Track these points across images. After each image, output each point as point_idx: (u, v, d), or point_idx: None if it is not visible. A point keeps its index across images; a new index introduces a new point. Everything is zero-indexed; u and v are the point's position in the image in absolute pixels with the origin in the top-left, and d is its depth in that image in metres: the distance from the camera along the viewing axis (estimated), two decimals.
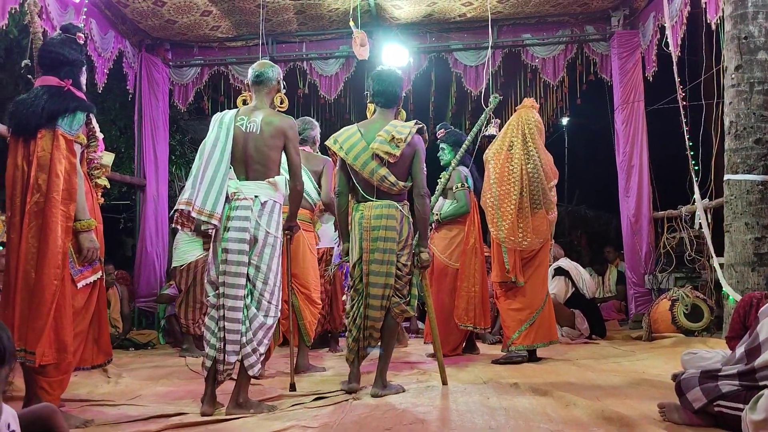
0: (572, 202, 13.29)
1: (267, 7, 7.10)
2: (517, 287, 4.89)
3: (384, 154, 3.74)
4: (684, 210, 6.55)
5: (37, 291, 3.09)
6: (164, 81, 8.20)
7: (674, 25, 6.11)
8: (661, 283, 6.88)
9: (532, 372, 4.45)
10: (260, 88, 3.67)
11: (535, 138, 4.86)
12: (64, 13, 5.99)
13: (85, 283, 3.30)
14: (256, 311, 3.41)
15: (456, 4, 7.33)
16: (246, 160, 3.51)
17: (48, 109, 3.19)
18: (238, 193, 3.44)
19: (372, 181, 3.80)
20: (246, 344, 3.37)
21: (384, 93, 3.95)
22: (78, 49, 3.45)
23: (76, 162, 3.23)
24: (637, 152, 7.44)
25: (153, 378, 4.60)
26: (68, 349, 3.14)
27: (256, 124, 3.53)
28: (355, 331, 3.81)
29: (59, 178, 3.14)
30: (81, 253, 3.28)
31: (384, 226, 3.77)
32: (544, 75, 7.97)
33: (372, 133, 3.84)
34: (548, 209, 4.89)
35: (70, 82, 3.34)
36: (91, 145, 3.45)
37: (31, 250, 3.12)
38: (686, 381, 2.70)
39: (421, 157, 3.86)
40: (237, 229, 3.40)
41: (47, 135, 3.18)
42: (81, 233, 3.26)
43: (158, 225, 8.08)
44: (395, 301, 3.78)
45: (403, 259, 3.81)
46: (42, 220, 3.12)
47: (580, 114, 10.62)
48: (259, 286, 3.42)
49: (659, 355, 4.99)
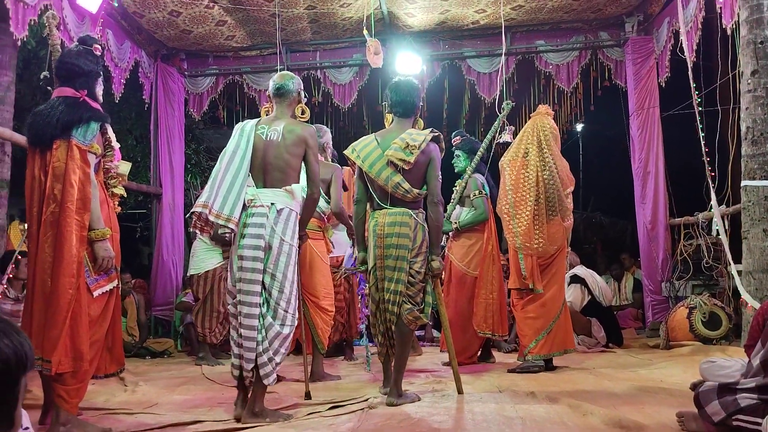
0: (587, 209, 13.23)
1: (281, 16, 7.14)
2: (534, 295, 4.87)
3: (398, 161, 3.78)
4: (701, 217, 6.50)
5: (53, 299, 3.11)
6: (180, 90, 8.27)
7: (689, 31, 6.08)
8: (678, 290, 6.82)
9: (548, 381, 4.42)
10: (281, 99, 3.74)
11: (550, 145, 4.85)
12: (81, 24, 6.06)
13: (100, 291, 3.32)
14: (272, 320, 3.43)
15: (469, 11, 7.34)
16: (265, 167, 3.56)
17: (62, 120, 3.22)
18: (254, 200, 3.49)
19: (387, 188, 3.82)
20: (262, 353, 3.39)
21: (402, 103, 3.99)
22: (94, 60, 3.48)
23: (90, 171, 3.26)
24: (653, 159, 7.39)
25: (169, 386, 4.62)
26: (84, 358, 3.16)
27: (277, 132, 3.59)
28: (381, 337, 3.91)
29: (73, 188, 3.17)
30: (96, 262, 3.29)
31: (397, 233, 3.79)
32: (558, 81, 7.96)
33: (388, 141, 3.88)
34: (564, 216, 4.87)
35: (85, 92, 3.38)
36: (107, 155, 3.48)
37: (47, 259, 3.15)
38: (705, 394, 2.66)
39: (436, 164, 3.87)
40: (252, 236, 3.44)
41: (62, 145, 3.21)
42: (96, 242, 3.28)
43: (174, 233, 8.13)
44: (407, 307, 3.78)
45: (416, 266, 3.82)
46: (57, 230, 3.15)
47: (595, 120, 10.59)
48: (275, 294, 3.45)
49: (677, 364, 4.94)
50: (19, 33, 5.20)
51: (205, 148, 10.87)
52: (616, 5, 7.37)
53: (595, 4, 7.30)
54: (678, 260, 6.83)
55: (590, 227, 12.62)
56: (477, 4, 7.14)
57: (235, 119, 8.67)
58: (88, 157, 3.26)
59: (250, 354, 3.39)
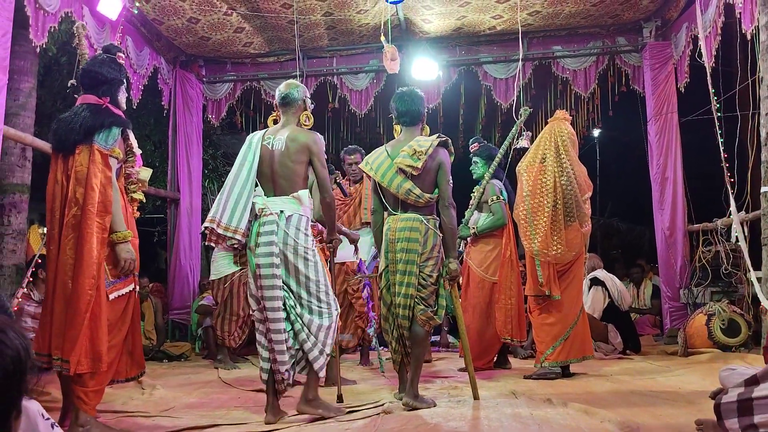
0: (604, 215, 13.15)
1: (299, 23, 7.19)
2: (551, 301, 4.84)
3: (407, 167, 3.86)
4: (720, 223, 6.44)
5: (73, 300, 3.16)
6: (198, 97, 8.34)
7: (708, 36, 6.03)
8: (696, 297, 6.76)
9: (565, 387, 4.40)
10: (287, 108, 3.82)
11: (568, 150, 4.83)
12: (101, 30, 6.13)
13: (116, 295, 3.34)
14: (310, 316, 3.54)
15: (486, 17, 7.35)
16: (272, 176, 3.65)
17: (85, 126, 3.28)
18: (264, 209, 3.57)
19: (398, 195, 3.92)
20: (312, 347, 3.51)
21: (408, 113, 4.08)
22: (117, 68, 3.55)
23: (111, 175, 3.31)
24: (671, 164, 7.34)
25: (186, 390, 4.65)
26: (103, 359, 3.19)
27: (281, 141, 3.67)
28: (393, 342, 3.97)
29: (95, 191, 3.23)
30: (118, 264, 3.33)
31: (407, 238, 3.87)
32: (576, 87, 7.93)
33: (397, 150, 3.98)
34: (582, 222, 4.84)
35: (108, 99, 3.44)
36: (128, 160, 3.55)
37: (69, 261, 3.20)
38: (726, 407, 2.63)
39: (446, 168, 3.94)
40: (265, 243, 3.52)
41: (84, 150, 3.27)
42: (118, 244, 3.32)
43: (192, 238, 8.19)
44: (420, 308, 3.85)
45: (427, 270, 3.88)
46: (79, 232, 3.20)
47: (612, 126, 10.54)
48: (305, 295, 3.55)
49: (695, 371, 4.89)
50: (39, 40, 5.26)
51: (222, 154, 10.96)
52: (633, 11, 7.34)
53: (613, 10, 7.27)
54: (696, 267, 6.77)
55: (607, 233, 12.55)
56: (494, 9, 7.14)
57: (252, 125, 8.74)
58: (110, 161, 3.32)
59: (283, 356, 3.48)
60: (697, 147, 8.01)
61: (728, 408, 2.61)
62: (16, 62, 5.69)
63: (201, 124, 8.47)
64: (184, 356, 6.81)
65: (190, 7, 6.78)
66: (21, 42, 5.42)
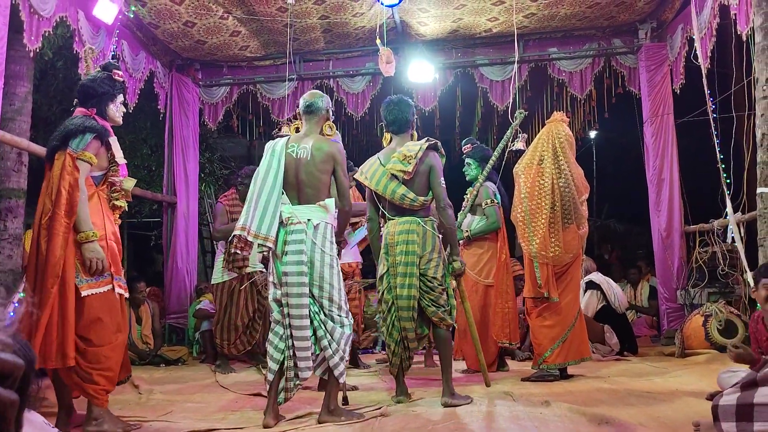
0: (601, 216, 13.16)
1: (294, 26, 7.19)
2: (549, 303, 4.84)
3: (398, 172, 3.98)
4: (716, 224, 6.45)
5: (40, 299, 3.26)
6: (194, 100, 8.33)
7: (703, 37, 6.05)
8: (693, 298, 6.77)
9: (563, 389, 4.40)
10: (310, 117, 3.85)
11: (566, 152, 4.84)
12: (95, 35, 6.12)
13: (90, 292, 3.39)
14: (333, 324, 3.60)
15: (481, 19, 7.35)
16: (298, 185, 3.68)
17: (62, 133, 3.47)
18: (292, 218, 3.61)
19: (394, 200, 4.02)
20: (333, 354, 3.56)
21: (396, 121, 4.19)
22: (109, 84, 3.69)
23: (78, 177, 3.40)
24: (667, 166, 7.35)
25: (184, 394, 4.64)
26: (69, 356, 3.26)
27: (306, 150, 3.70)
28: (393, 344, 4.03)
29: (62, 193, 3.35)
30: (84, 264, 3.39)
31: (405, 240, 3.98)
32: (572, 89, 7.93)
33: (388, 157, 4.10)
34: (579, 224, 4.85)
35: (95, 111, 3.61)
36: (111, 170, 3.65)
37: (42, 261, 3.33)
38: (723, 409, 2.63)
39: (437, 171, 4.02)
40: (294, 252, 3.57)
41: (60, 156, 3.44)
42: (82, 244, 3.40)
43: (188, 242, 8.18)
44: (432, 310, 3.95)
45: (431, 272, 3.97)
46: (48, 233, 3.33)
47: (609, 127, 10.55)
48: (326, 303, 3.60)
49: (693, 372, 4.90)
50: (33, 45, 5.25)
51: (219, 157, 10.94)
52: (629, 12, 7.35)
53: (608, 12, 7.29)
54: (693, 268, 6.77)
55: (604, 234, 12.56)
56: (489, 12, 7.15)
57: (248, 128, 8.73)
58: (78, 163, 3.43)
59: (305, 363, 3.54)
60: (693, 148, 8.03)
61: (726, 410, 2.60)
62: (11, 67, 5.68)
63: (197, 128, 8.46)
64: (182, 360, 6.79)
65: (185, 11, 6.78)
66: (16, 47, 5.40)
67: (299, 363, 3.53)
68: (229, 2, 6.69)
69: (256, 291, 5.97)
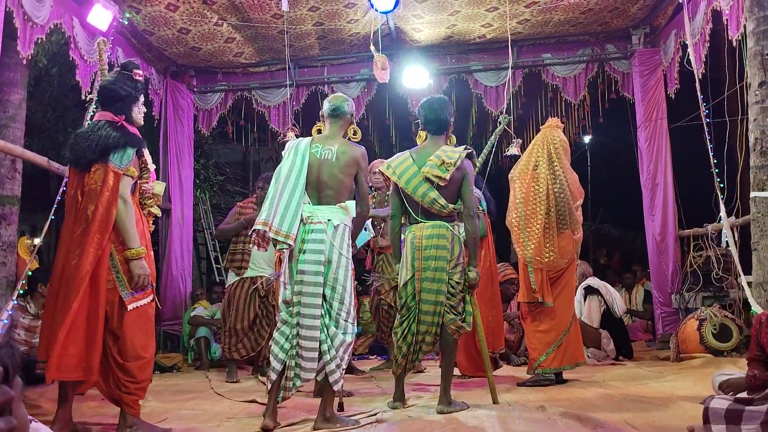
0: (596, 221, 13.19)
1: (289, 32, 7.20)
2: (543, 308, 4.84)
3: (435, 177, 3.94)
4: (710, 228, 6.47)
5: (62, 311, 3.27)
6: (189, 106, 8.33)
7: (696, 43, 6.08)
8: (688, 302, 6.78)
9: (558, 394, 4.40)
10: (335, 120, 3.88)
11: (560, 157, 4.85)
12: (91, 41, 6.12)
13: (135, 305, 3.45)
14: (335, 329, 3.56)
15: (475, 25, 7.38)
16: (319, 185, 3.70)
17: (101, 145, 3.41)
18: (312, 217, 3.62)
19: (423, 203, 3.97)
20: (330, 361, 3.52)
21: (436, 121, 4.15)
22: (132, 85, 3.65)
23: (122, 194, 3.42)
24: (661, 170, 7.38)
25: (178, 401, 4.63)
26: (93, 371, 3.29)
27: (331, 152, 3.73)
28: (405, 347, 3.96)
29: (100, 209, 3.34)
30: (132, 279, 3.42)
31: (435, 245, 3.93)
32: (565, 94, 7.96)
33: (423, 158, 4.04)
34: (574, 229, 4.86)
35: (123, 117, 3.56)
36: (143, 177, 3.66)
37: (72, 275, 3.31)
38: (714, 412, 2.64)
39: (470, 180, 4.04)
40: (313, 251, 3.58)
41: (100, 169, 3.41)
42: (131, 261, 3.42)
43: (183, 248, 8.16)
44: (450, 317, 3.90)
45: (456, 277, 3.95)
46: (82, 248, 3.32)
47: (603, 132, 10.58)
48: (336, 305, 3.59)
49: (688, 376, 4.91)
50: (26, 51, 5.23)
51: (214, 163, 10.94)
52: (622, 18, 7.39)
53: (602, 17, 7.32)
54: (688, 272, 6.79)
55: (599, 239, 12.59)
56: (483, 18, 7.17)
57: (243, 134, 8.74)
58: (123, 180, 3.44)
59: (311, 363, 3.51)
60: (686, 153, 8.05)
61: (716, 413, 2.62)
62: (5, 74, 5.68)
63: (192, 134, 8.45)
64: (176, 367, 6.77)
65: (180, 17, 6.79)
66: (11, 53, 5.40)
67: (304, 363, 3.50)
68: (223, 9, 6.70)
69: (258, 295, 5.86)
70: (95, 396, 4.77)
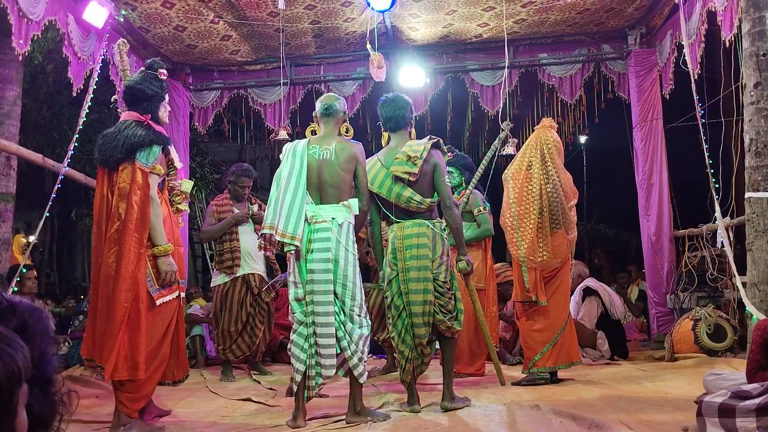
0: (591, 221, 13.22)
1: (286, 31, 7.19)
2: (538, 307, 4.85)
3: (403, 174, 3.88)
4: (705, 228, 6.48)
5: (111, 311, 3.34)
6: (185, 104, 8.30)
7: (692, 43, 6.09)
8: (683, 302, 6.79)
9: (553, 394, 4.41)
10: (329, 119, 3.91)
11: (554, 158, 4.85)
12: (86, 39, 6.10)
13: (163, 300, 3.51)
14: (352, 325, 3.64)
15: (472, 25, 7.38)
16: (320, 185, 3.75)
17: (128, 144, 3.46)
18: (316, 216, 3.67)
19: (399, 203, 3.94)
20: (352, 355, 3.60)
21: (393, 118, 4.11)
22: (158, 84, 3.72)
23: (150, 192, 3.47)
24: (656, 170, 7.39)
25: (173, 399, 4.61)
26: (140, 367, 3.35)
27: (329, 151, 3.77)
28: (407, 350, 3.91)
29: (134, 208, 3.40)
30: (159, 276, 3.48)
31: (416, 244, 3.90)
32: (561, 94, 7.97)
33: (390, 158, 4.00)
34: (568, 229, 4.86)
35: (149, 116, 3.62)
36: (171, 174, 3.73)
37: (110, 273, 3.39)
38: (707, 406, 2.65)
39: (442, 170, 3.98)
40: (320, 250, 3.64)
41: (127, 168, 3.46)
42: (159, 258, 3.48)
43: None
44: (440, 318, 3.88)
45: (441, 276, 3.92)
46: (119, 247, 3.38)
47: (599, 132, 10.60)
48: (348, 302, 3.65)
49: (682, 376, 4.92)
50: (21, 48, 5.18)
51: (209, 162, 10.93)
52: (618, 18, 7.39)
53: (598, 18, 7.33)
54: (683, 272, 6.80)
55: (594, 239, 12.61)
56: (480, 18, 7.18)
57: (239, 132, 8.72)
58: (150, 178, 3.50)
59: (329, 361, 3.58)
60: (682, 153, 8.07)
61: (709, 407, 2.62)
62: (0, 71, 5.66)
63: (188, 132, 8.42)
64: None
65: (176, 15, 6.77)
66: (5, 50, 5.38)
67: (323, 361, 3.57)
68: (219, 7, 6.68)
69: (251, 295, 5.76)
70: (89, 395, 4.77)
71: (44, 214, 5.38)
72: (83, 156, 7.93)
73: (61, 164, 5.73)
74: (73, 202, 11.32)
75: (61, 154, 6.90)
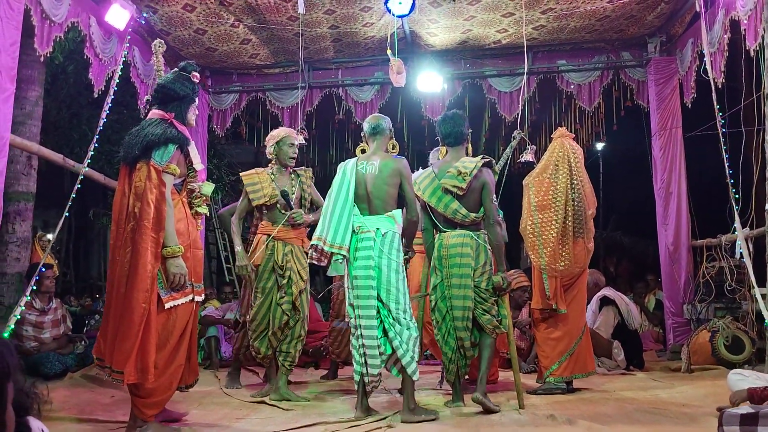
0: (608, 229, 13.13)
1: (305, 35, 7.22)
2: (557, 315, 4.83)
3: (452, 187, 4.16)
4: (724, 239, 6.41)
5: (127, 313, 3.28)
6: (203, 107, 8.34)
7: (714, 52, 6.03)
8: (700, 313, 6.72)
9: (568, 403, 4.38)
10: (376, 137, 4.24)
11: (579, 167, 4.83)
12: (107, 41, 6.15)
13: (172, 304, 3.45)
14: (400, 326, 3.86)
15: (491, 31, 7.37)
16: (368, 197, 4.06)
17: (144, 142, 3.44)
18: (362, 227, 3.98)
19: (446, 214, 4.21)
20: (404, 355, 3.82)
21: (452, 134, 4.40)
22: (191, 86, 3.70)
23: (164, 191, 3.42)
24: (675, 179, 7.33)
25: (187, 400, 4.62)
26: (149, 371, 3.29)
27: (374, 166, 4.09)
28: (450, 352, 4.22)
29: (150, 207, 3.36)
30: (168, 278, 3.43)
31: (459, 253, 4.16)
32: (580, 101, 7.93)
33: (443, 171, 4.28)
34: (587, 239, 4.83)
35: (173, 115, 3.58)
36: (190, 176, 3.70)
37: (125, 273, 3.34)
38: (728, 416, 2.62)
39: (490, 188, 4.22)
40: (363, 258, 3.93)
41: (143, 166, 3.43)
42: (167, 259, 3.42)
43: None
44: (487, 318, 4.12)
45: (483, 284, 4.15)
46: (134, 246, 3.34)
47: (617, 140, 10.55)
48: (393, 306, 3.88)
49: (699, 388, 4.87)
50: (43, 49, 5.24)
51: (226, 164, 10.98)
52: (638, 26, 7.35)
53: (618, 25, 7.29)
54: (700, 282, 6.74)
55: (611, 247, 12.52)
56: (499, 24, 7.16)
57: (256, 135, 8.75)
58: (164, 177, 3.45)
59: (375, 360, 3.85)
60: (701, 162, 8.00)
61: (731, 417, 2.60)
62: (23, 71, 5.71)
63: (206, 134, 8.48)
64: None
65: (197, 18, 6.82)
66: (28, 51, 5.43)
67: (369, 360, 3.85)
68: (240, 10, 6.72)
69: None
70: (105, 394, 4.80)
71: (63, 214, 5.42)
72: (101, 156, 7.99)
73: (81, 164, 5.77)
74: (91, 202, 11.41)
75: (79, 154, 6.96)
